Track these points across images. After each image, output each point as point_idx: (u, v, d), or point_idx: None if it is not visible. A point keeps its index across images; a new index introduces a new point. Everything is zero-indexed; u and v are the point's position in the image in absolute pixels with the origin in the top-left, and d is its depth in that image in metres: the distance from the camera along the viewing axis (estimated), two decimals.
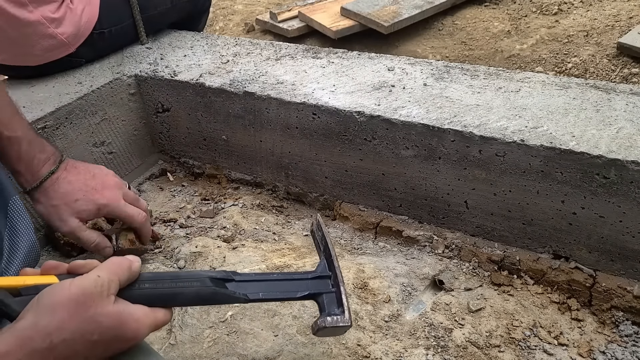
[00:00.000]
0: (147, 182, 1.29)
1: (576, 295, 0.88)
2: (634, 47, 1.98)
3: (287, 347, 0.80)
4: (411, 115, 0.94)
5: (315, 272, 0.71)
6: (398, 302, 0.89)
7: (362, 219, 1.10)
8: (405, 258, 0.99)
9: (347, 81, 1.07)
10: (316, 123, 1.03)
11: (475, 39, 2.40)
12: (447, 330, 0.84)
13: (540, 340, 0.82)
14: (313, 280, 0.69)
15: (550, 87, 0.97)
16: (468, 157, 0.91)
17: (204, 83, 1.13)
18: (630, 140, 0.81)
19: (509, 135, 0.86)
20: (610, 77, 1.97)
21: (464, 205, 0.97)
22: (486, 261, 0.94)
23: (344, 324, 0.64)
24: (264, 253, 0.99)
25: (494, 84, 1.00)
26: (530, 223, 0.91)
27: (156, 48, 1.31)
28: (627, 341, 0.81)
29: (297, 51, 1.22)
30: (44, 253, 1.09)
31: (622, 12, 2.30)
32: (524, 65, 2.16)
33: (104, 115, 1.17)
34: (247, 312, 0.86)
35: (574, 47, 2.17)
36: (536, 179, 0.87)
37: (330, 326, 0.64)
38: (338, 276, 0.69)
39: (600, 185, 0.82)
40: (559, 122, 0.87)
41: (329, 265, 0.71)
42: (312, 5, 2.67)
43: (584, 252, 0.89)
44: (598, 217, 0.84)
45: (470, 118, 0.91)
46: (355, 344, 0.81)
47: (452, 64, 1.09)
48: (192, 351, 0.81)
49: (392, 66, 1.10)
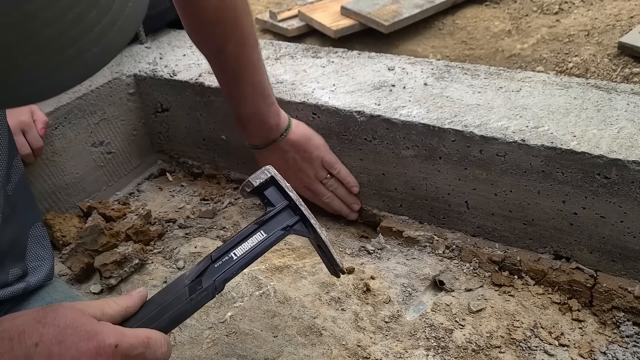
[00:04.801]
0: (146, 182, 1.29)
1: (577, 296, 0.88)
2: (635, 46, 1.97)
3: (287, 348, 0.80)
4: (411, 114, 0.94)
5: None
6: (398, 303, 0.89)
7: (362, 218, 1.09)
8: (406, 258, 0.98)
9: (347, 81, 1.07)
10: (316, 123, 1.03)
11: (475, 39, 2.40)
12: (447, 331, 0.83)
13: (541, 340, 0.82)
14: (280, 215, 0.69)
15: (551, 86, 0.97)
16: (469, 157, 0.91)
17: (204, 82, 1.12)
18: (631, 140, 0.81)
19: (510, 135, 0.86)
20: (611, 76, 1.96)
21: (465, 206, 0.96)
22: (487, 262, 0.94)
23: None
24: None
25: (495, 84, 1.00)
26: (531, 223, 0.91)
27: (155, 47, 1.31)
28: (628, 342, 0.81)
29: (297, 50, 1.22)
30: None
31: (623, 11, 2.29)
32: (524, 64, 2.15)
33: (103, 115, 1.17)
34: (247, 313, 0.86)
35: (574, 46, 2.17)
36: (537, 179, 0.86)
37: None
38: (293, 198, 0.69)
39: (601, 185, 0.81)
40: (560, 122, 0.87)
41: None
42: (312, 5, 2.67)
43: (585, 252, 0.88)
44: (599, 217, 0.84)
45: (470, 118, 0.91)
46: (355, 345, 0.81)
47: (453, 64, 1.09)
48: (191, 352, 0.81)
49: (393, 66, 1.10)
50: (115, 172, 1.23)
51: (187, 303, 0.59)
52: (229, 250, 0.64)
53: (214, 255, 0.63)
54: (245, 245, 0.65)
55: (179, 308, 0.59)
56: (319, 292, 0.90)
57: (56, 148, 1.08)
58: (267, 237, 0.66)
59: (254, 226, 0.67)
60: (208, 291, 0.61)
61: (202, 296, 0.60)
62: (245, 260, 0.64)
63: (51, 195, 1.09)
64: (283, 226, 0.68)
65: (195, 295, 0.60)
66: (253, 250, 0.65)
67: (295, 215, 0.69)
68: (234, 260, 0.64)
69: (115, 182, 1.24)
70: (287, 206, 0.70)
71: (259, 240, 0.66)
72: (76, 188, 1.14)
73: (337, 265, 0.72)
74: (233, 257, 0.64)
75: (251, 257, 0.65)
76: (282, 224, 0.68)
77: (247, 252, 0.64)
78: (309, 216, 0.69)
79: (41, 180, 1.07)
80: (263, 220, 0.68)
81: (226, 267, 0.63)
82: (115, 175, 1.23)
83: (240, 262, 0.64)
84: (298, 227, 0.69)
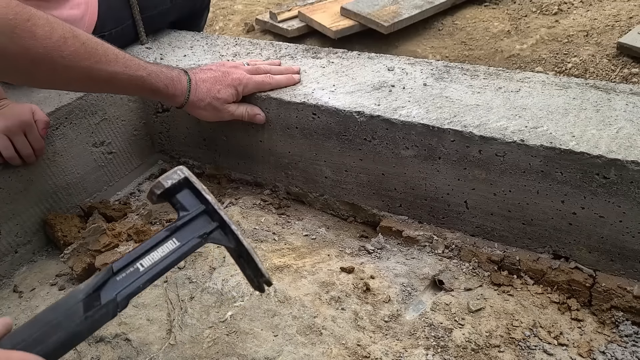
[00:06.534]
0: (147, 182, 1.29)
1: (576, 296, 0.88)
2: (634, 47, 1.98)
3: (287, 347, 0.80)
4: (411, 115, 0.94)
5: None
6: (398, 302, 0.89)
7: (362, 218, 1.10)
8: (405, 258, 0.99)
9: (347, 81, 1.07)
10: (316, 123, 1.03)
11: (475, 39, 2.40)
12: (447, 330, 0.84)
13: (540, 340, 0.82)
14: (195, 223, 0.61)
15: (550, 87, 0.97)
16: (468, 157, 0.91)
17: None
18: (630, 140, 0.81)
19: (509, 135, 0.86)
20: (610, 77, 1.97)
21: (464, 205, 0.97)
22: (486, 261, 0.94)
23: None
24: (263, 253, 0.99)
25: (494, 84, 1.00)
26: (530, 223, 0.91)
27: (156, 48, 1.31)
28: (627, 341, 0.81)
29: (297, 51, 1.22)
30: (44, 253, 1.10)
31: (622, 12, 2.30)
32: (523, 65, 2.16)
33: (104, 115, 1.17)
34: (247, 312, 0.86)
35: (573, 47, 2.17)
36: (536, 179, 0.87)
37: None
38: (212, 204, 0.60)
39: (600, 185, 0.82)
40: (559, 122, 0.87)
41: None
42: (312, 5, 2.67)
43: (584, 252, 0.89)
44: (598, 217, 0.84)
45: (470, 118, 0.91)
46: (355, 344, 0.81)
47: (452, 64, 1.09)
48: (192, 351, 0.81)
49: (392, 66, 1.10)
50: (116, 172, 1.24)
51: (82, 322, 0.50)
52: (134, 260, 0.55)
53: (117, 266, 0.54)
54: (154, 255, 0.56)
55: (71, 328, 0.49)
56: (318, 291, 0.90)
57: (57, 148, 1.08)
58: (180, 246, 0.58)
59: (164, 233, 0.58)
60: (108, 308, 0.52)
61: (100, 314, 0.51)
62: (153, 272, 0.55)
63: (52, 195, 1.09)
64: (199, 234, 0.60)
65: (91, 312, 0.50)
66: (163, 261, 0.56)
67: (213, 221, 0.61)
68: (140, 272, 0.55)
69: (116, 182, 1.24)
70: (204, 211, 0.61)
71: (170, 249, 0.57)
72: (77, 188, 1.14)
73: (263, 275, 0.64)
74: (139, 269, 0.55)
75: (161, 268, 0.56)
76: (198, 231, 0.60)
77: (156, 263, 0.56)
78: (229, 222, 0.61)
79: (42, 180, 1.07)
80: (176, 227, 0.59)
81: (130, 280, 0.54)
82: (116, 175, 1.23)
83: (147, 275, 0.55)
84: (216, 234, 0.61)
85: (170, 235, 0.58)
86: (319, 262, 0.97)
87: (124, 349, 0.83)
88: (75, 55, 0.80)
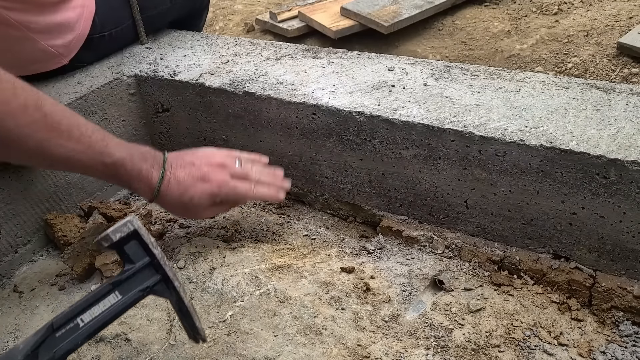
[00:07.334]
0: None
1: (576, 295, 0.88)
2: (634, 47, 1.98)
3: (287, 347, 0.80)
4: (411, 115, 0.94)
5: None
6: (398, 302, 0.89)
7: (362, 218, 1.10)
8: (405, 258, 0.99)
9: (347, 81, 1.07)
10: (316, 123, 1.03)
11: (475, 39, 2.40)
12: (447, 330, 0.84)
13: (540, 340, 0.82)
14: (137, 276, 0.62)
15: (550, 87, 0.97)
16: (468, 157, 0.91)
17: (204, 83, 1.13)
18: (630, 140, 0.81)
19: (509, 135, 0.86)
20: (610, 77, 1.97)
21: (464, 205, 0.97)
22: (486, 261, 0.94)
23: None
24: (263, 253, 0.99)
25: (494, 84, 1.00)
26: (530, 223, 0.91)
27: (156, 48, 1.31)
28: (627, 341, 0.81)
29: (297, 51, 1.22)
30: (44, 253, 1.10)
31: (622, 12, 2.30)
32: (524, 65, 2.16)
33: (104, 115, 1.17)
34: (247, 312, 0.86)
35: (574, 47, 2.17)
36: (536, 179, 0.87)
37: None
38: (157, 256, 0.61)
39: (600, 185, 0.82)
40: (559, 122, 0.87)
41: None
42: (312, 5, 2.67)
43: (584, 252, 0.89)
44: (598, 217, 0.84)
45: (470, 118, 0.91)
46: (355, 344, 0.81)
47: (452, 64, 1.09)
48: (191, 351, 0.81)
49: (392, 66, 1.10)
50: None
51: None
52: (75, 316, 0.55)
53: (57, 323, 0.54)
54: (96, 310, 0.57)
55: None
56: (319, 291, 0.90)
57: None
58: (121, 300, 0.59)
59: (108, 287, 0.59)
60: None
61: None
62: (93, 327, 0.56)
63: (52, 195, 1.09)
64: (142, 287, 0.61)
65: None
66: (104, 315, 0.57)
67: (156, 273, 0.62)
68: (80, 327, 0.55)
69: None
70: (149, 264, 0.62)
71: (112, 303, 0.58)
72: (77, 188, 1.14)
73: (199, 332, 0.66)
74: (79, 324, 0.55)
75: (101, 323, 0.56)
76: (140, 285, 0.61)
77: (97, 317, 0.56)
78: (173, 277, 0.63)
79: (42, 180, 1.07)
80: (120, 280, 0.60)
81: (70, 336, 0.54)
82: None
83: (87, 331, 0.55)
84: (158, 287, 0.62)
85: (113, 288, 0.59)
86: (319, 262, 0.97)
87: (124, 349, 0.83)
88: (32, 126, 0.73)
